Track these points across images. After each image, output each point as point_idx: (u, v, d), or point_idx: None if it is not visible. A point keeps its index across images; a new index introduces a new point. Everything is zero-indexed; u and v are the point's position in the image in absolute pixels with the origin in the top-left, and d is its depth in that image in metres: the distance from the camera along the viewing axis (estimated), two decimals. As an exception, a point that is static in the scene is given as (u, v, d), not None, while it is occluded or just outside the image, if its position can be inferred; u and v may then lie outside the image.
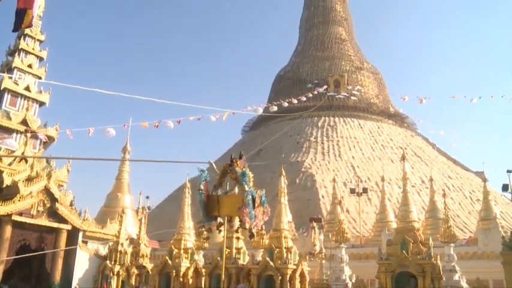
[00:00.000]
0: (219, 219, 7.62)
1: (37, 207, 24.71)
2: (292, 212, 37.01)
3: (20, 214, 23.92)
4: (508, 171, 28.29)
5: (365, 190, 41.29)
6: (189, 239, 27.27)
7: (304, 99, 68.31)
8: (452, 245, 22.47)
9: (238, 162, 7.54)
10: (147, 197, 38.30)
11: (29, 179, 25.05)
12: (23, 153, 26.76)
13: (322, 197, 51.65)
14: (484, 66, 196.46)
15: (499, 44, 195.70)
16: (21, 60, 29.93)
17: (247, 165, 7.73)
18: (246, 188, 7.22)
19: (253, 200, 7.20)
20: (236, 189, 7.63)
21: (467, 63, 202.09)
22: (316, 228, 32.07)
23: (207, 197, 7.47)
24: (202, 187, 7.54)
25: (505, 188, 28.89)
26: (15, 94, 29.14)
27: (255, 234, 7.76)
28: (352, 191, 41.39)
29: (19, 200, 23.70)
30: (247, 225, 7.14)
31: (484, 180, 33.34)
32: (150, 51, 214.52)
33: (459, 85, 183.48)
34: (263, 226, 8.29)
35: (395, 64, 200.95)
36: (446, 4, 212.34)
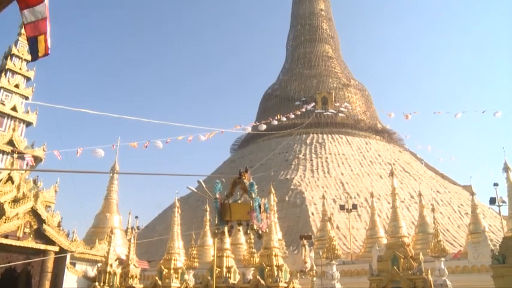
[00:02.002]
0: (230, 223, 9.00)
1: (23, 229, 24.29)
2: (282, 229, 36.91)
3: (6, 236, 23.47)
4: (495, 185, 28.61)
5: (354, 206, 41.32)
6: (179, 259, 26.98)
7: (293, 116, 68.79)
8: (443, 259, 22.58)
9: (246, 175, 8.99)
10: (136, 217, 38.00)
11: (16, 200, 24.66)
12: (9, 174, 26.44)
13: (312, 214, 51.57)
14: (470, 79, 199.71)
15: (483, 58, 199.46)
16: (8, 80, 29.74)
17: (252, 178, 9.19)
18: (254, 196, 8.74)
19: (259, 206, 8.74)
20: (242, 198, 9.04)
21: (452, 76, 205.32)
22: (306, 246, 31.95)
23: (220, 204, 8.87)
24: (218, 196, 8.90)
25: (492, 201, 29.16)
26: (2, 114, 28.86)
27: (262, 234, 9.11)
28: (342, 207, 41.39)
29: (5, 222, 23.26)
30: (255, 227, 8.54)
31: (472, 193, 33.61)
32: (139, 69, 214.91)
33: (445, 99, 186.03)
34: (267, 229, 9.61)
35: (381, 80, 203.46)
36: (432, 16, 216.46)
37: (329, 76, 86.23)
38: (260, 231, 8.79)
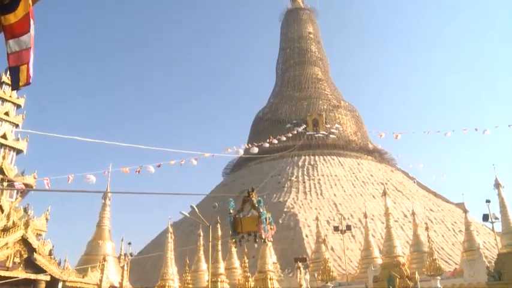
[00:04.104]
0: (241, 234, 10.55)
1: (13, 259, 23.81)
2: (276, 252, 36.60)
3: (-5, 267, 23.01)
4: (487, 201, 28.66)
5: (348, 227, 41.19)
6: (173, 285, 26.61)
7: (284, 139, 68.95)
8: (439, 277, 22.48)
9: (253, 194, 10.57)
10: (129, 243, 37.36)
11: (5, 230, 24.24)
12: (-1, 202, 26.08)
13: (306, 236, 51.29)
14: (462, 97, 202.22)
15: (473, 75, 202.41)
16: (-2, 108, 29.62)
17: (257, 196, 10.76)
18: (261, 210, 10.34)
19: (266, 219, 10.38)
20: (250, 213, 10.52)
21: (442, 95, 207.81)
22: (301, 268, 31.62)
23: (234, 218, 10.50)
24: (231, 211, 10.50)
25: (485, 218, 29.19)
26: (-9, 143, 28.64)
27: (267, 242, 11.12)
28: (336, 228, 41.24)
29: (-6, 252, 22.84)
30: (263, 236, 10.17)
31: (465, 211, 33.67)
32: (130, 94, 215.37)
33: (435, 118, 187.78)
34: (272, 239, 11.35)
35: (372, 98, 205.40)
36: (421, 32, 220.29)
37: (319, 98, 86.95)
38: (267, 240, 10.51)
